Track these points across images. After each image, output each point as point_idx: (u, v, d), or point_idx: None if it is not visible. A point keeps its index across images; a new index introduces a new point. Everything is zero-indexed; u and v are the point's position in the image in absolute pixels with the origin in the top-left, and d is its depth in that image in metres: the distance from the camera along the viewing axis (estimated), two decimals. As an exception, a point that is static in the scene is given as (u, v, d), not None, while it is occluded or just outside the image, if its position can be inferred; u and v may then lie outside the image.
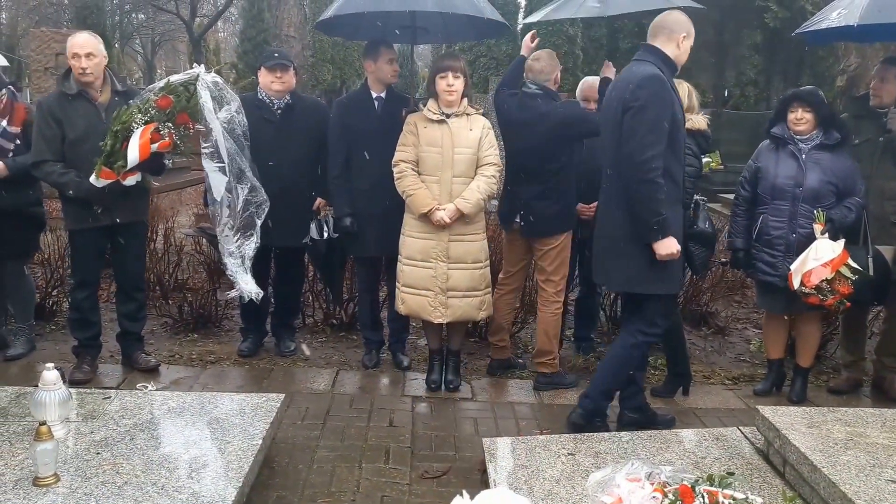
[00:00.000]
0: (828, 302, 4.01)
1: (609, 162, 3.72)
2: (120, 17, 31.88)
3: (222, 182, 4.18)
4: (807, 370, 4.59)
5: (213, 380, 4.52)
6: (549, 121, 4.32)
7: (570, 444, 3.34)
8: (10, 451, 2.87)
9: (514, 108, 4.46)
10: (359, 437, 3.79)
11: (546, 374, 4.58)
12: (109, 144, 3.96)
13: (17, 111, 4.42)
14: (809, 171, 4.23)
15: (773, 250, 4.31)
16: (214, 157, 4.16)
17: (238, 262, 4.26)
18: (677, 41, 3.67)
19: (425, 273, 4.27)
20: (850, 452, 2.99)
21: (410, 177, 4.23)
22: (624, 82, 3.64)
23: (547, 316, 4.56)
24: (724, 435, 3.52)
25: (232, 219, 4.25)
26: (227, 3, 28.50)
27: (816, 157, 4.25)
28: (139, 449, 2.93)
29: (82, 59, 4.11)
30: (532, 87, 4.44)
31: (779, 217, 4.30)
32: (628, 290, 3.85)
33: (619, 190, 3.61)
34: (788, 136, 4.33)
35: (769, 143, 4.44)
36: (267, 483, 3.24)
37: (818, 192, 4.20)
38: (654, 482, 2.56)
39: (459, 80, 4.18)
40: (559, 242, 4.48)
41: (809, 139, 4.29)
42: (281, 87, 4.59)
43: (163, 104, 4.01)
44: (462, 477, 3.41)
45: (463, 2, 4.46)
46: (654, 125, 3.46)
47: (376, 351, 4.90)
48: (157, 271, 6.02)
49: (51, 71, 9.34)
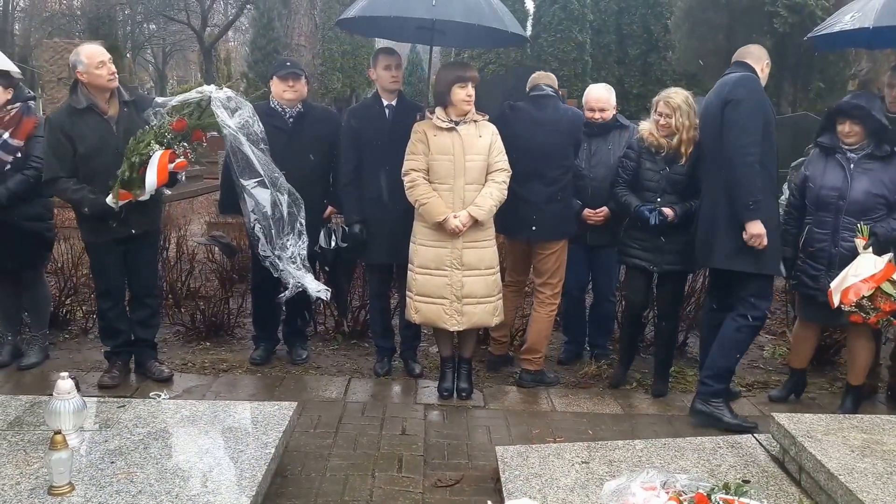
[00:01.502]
0: (871, 320, 3.83)
1: (710, 157, 4.15)
2: (131, 28, 32.09)
3: (266, 196, 4.22)
4: (858, 388, 4.33)
5: (225, 388, 4.53)
6: (569, 117, 4.58)
7: (583, 453, 3.33)
8: (26, 459, 2.89)
9: (531, 109, 4.51)
10: (371, 445, 3.79)
11: (530, 371, 4.67)
12: (127, 173, 3.98)
13: (24, 125, 4.41)
14: (855, 182, 4.06)
15: (816, 263, 4.19)
16: (245, 174, 4.20)
17: (299, 265, 4.30)
18: (762, 66, 4.18)
19: (440, 281, 4.26)
20: (866, 460, 2.97)
21: (423, 185, 4.23)
22: (721, 85, 4.12)
23: (542, 316, 4.66)
24: (739, 442, 3.50)
25: (283, 229, 4.28)
26: (237, 13, 28.73)
27: (865, 166, 4.08)
28: (153, 458, 2.93)
29: (108, 65, 4.16)
30: (546, 89, 4.59)
31: (822, 229, 4.17)
32: (728, 266, 4.11)
33: (720, 180, 4.04)
34: (837, 145, 4.18)
35: (819, 151, 4.30)
36: (280, 492, 3.23)
37: (864, 204, 4.03)
38: (669, 491, 2.54)
39: (474, 90, 4.23)
40: (560, 246, 4.60)
41: (860, 148, 4.12)
42: (293, 95, 4.61)
43: (178, 128, 4.04)
44: (475, 485, 3.40)
45: (490, 14, 4.48)
46: (751, 115, 3.92)
47: (388, 358, 4.90)
48: (170, 279, 6.04)
49: (63, 81, 9.40)
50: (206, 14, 27.43)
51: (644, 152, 4.42)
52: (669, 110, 4.29)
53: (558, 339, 5.41)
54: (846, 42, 5.35)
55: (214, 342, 5.34)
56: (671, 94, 4.34)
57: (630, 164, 4.46)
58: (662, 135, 4.33)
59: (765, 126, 3.94)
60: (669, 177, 4.35)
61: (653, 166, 4.39)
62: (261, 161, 4.19)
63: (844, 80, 18.13)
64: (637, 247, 4.46)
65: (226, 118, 4.08)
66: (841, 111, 4.19)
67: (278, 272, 4.32)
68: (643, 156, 4.42)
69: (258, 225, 4.29)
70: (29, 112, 4.51)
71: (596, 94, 4.87)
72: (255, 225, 4.29)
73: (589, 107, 4.86)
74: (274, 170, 4.27)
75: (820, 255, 4.18)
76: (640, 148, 4.44)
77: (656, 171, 4.38)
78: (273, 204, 4.24)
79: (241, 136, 4.12)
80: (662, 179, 4.36)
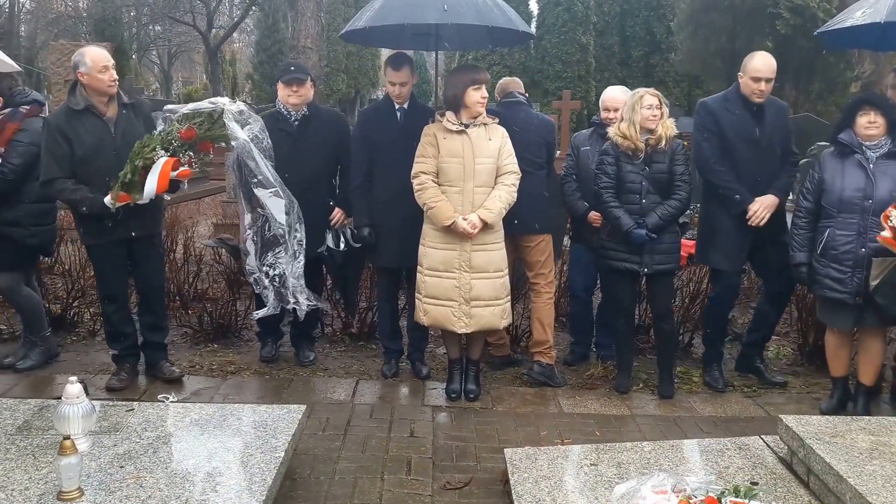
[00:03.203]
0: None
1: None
2: (137, 29, 32.20)
3: (281, 206, 4.25)
4: (870, 388, 4.34)
5: (233, 390, 4.54)
6: (539, 120, 4.82)
7: (592, 455, 3.32)
8: (35, 464, 2.89)
9: (504, 113, 4.58)
10: (380, 447, 3.79)
11: (542, 364, 4.70)
12: (129, 176, 3.97)
13: (6, 131, 4.40)
14: (879, 182, 3.99)
15: (842, 266, 4.08)
16: (260, 185, 4.24)
17: (288, 284, 4.34)
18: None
19: (448, 283, 4.27)
20: (875, 462, 2.96)
21: (431, 189, 4.24)
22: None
23: (540, 306, 4.73)
24: (747, 444, 3.49)
25: (292, 237, 4.31)
26: (243, 15, 28.81)
27: (884, 166, 4.03)
28: (162, 462, 2.94)
29: (111, 71, 4.17)
30: (518, 96, 4.82)
31: (847, 231, 4.06)
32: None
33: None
34: (856, 143, 4.10)
35: (832, 151, 4.22)
36: (289, 495, 3.24)
37: (889, 203, 3.92)
38: (679, 494, 2.55)
39: (487, 92, 4.27)
40: (542, 238, 4.73)
41: (878, 146, 4.07)
42: (298, 100, 4.63)
43: (187, 136, 4.04)
44: (484, 488, 3.40)
45: (500, 15, 4.53)
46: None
47: (395, 360, 4.90)
48: (177, 281, 6.05)
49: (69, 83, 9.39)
50: (211, 16, 27.51)
51: (621, 155, 4.41)
52: (658, 101, 4.34)
53: (565, 340, 5.41)
54: (855, 40, 5.34)
55: (222, 344, 5.35)
56: (641, 90, 4.46)
57: (610, 169, 4.42)
58: (651, 127, 4.34)
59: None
60: (652, 176, 4.36)
61: (633, 168, 4.38)
62: (272, 174, 4.23)
63: (846, 82, 18.14)
64: (622, 249, 4.44)
65: (237, 130, 4.10)
66: (869, 101, 4.16)
67: (261, 289, 4.32)
68: (621, 159, 4.41)
69: (250, 241, 4.31)
70: (14, 117, 4.49)
71: (612, 95, 4.91)
72: (248, 240, 4.31)
73: (605, 106, 4.89)
74: (281, 184, 4.30)
75: (845, 257, 4.07)
76: (616, 152, 4.42)
77: (637, 173, 4.37)
78: (287, 213, 4.26)
79: (254, 148, 4.14)
80: (644, 180, 4.36)
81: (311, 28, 8.12)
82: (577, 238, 5.09)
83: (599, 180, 4.47)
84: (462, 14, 4.45)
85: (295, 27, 8.55)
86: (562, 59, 21.07)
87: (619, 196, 4.41)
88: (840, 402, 4.42)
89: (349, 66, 27.56)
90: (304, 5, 8.11)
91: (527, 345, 5.11)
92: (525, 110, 4.78)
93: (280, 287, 4.37)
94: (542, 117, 4.97)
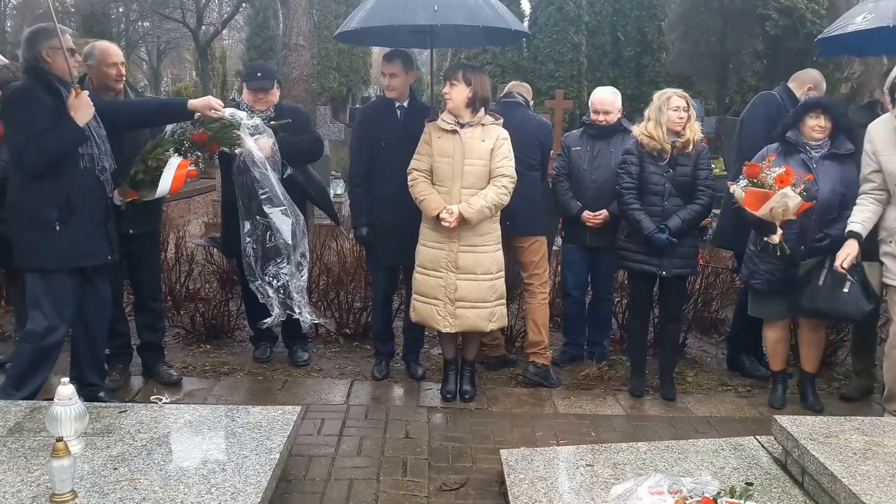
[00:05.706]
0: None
1: None
2: (126, 26, 31.95)
3: (288, 224, 4.23)
4: (814, 376, 4.53)
5: (227, 391, 4.52)
6: (536, 122, 4.85)
7: (588, 455, 3.33)
8: (27, 466, 2.86)
9: (504, 115, 4.53)
10: (375, 449, 3.79)
11: (537, 365, 4.71)
12: (141, 175, 3.98)
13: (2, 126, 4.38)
14: (821, 181, 4.12)
15: (779, 260, 4.17)
16: (268, 202, 4.21)
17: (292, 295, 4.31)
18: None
19: (435, 282, 4.27)
20: (869, 462, 2.97)
21: (422, 183, 4.25)
22: None
23: (534, 306, 4.74)
24: (742, 444, 3.50)
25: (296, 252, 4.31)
26: (233, 12, 28.63)
27: (825, 166, 4.16)
28: (156, 464, 2.91)
29: (119, 67, 4.18)
30: (518, 98, 4.87)
31: (790, 230, 4.12)
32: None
33: None
34: (801, 142, 4.23)
35: (777, 148, 4.28)
36: (284, 497, 3.23)
37: (830, 202, 4.11)
38: (675, 494, 2.55)
39: (455, 89, 4.19)
40: (536, 240, 4.73)
41: (820, 146, 4.20)
42: (264, 106, 4.61)
43: (199, 139, 4.06)
44: (480, 489, 3.40)
45: (490, 14, 4.50)
46: None
47: (386, 362, 4.89)
48: (169, 281, 6.01)
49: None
50: (201, 12, 27.28)
51: (645, 156, 4.41)
52: (686, 103, 4.33)
53: (558, 340, 5.41)
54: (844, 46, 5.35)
55: (215, 345, 5.32)
56: (669, 91, 4.43)
57: (633, 169, 4.43)
58: (677, 129, 4.34)
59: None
60: (675, 179, 4.36)
61: (657, 170, 4.38)
62: (280, 191, 4.22)
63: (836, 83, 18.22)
64: (641, 251, 4.45)
65: (252, 145, 4.10)
66: (821, 104, 4.24)
67: (264, 298, 4.31)
68: (645, 160, 4.41)
69: (250, 248, 4.28)
70: None
71: (601, 97, 4.90)
72: (248, 247, 4.28)
73: (594, 109, 4.89)
74: (290, 202, 4.28)
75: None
76: (640, 152, 4.43)
77: (661, 175, 4.38)
78: (293, 234, 4.25)
79: (268, 165, 4.15)
80: (668, 182, 4.36)
81: (304, 25, 8.06)
82: (570, 238, 5.10)
83: (622, 180, 4.46)
84: (453, 14, 4.42)
85: (287, 24, 8.48)
86: (554, 58, 21.05)
87: (642, 197, 4.41)
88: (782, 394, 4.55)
89: (341, 63, 27.43)
90: (296, 2, 8.05)
91: (522, 345, 5.12)
92: (523, 112, 4.80)
93: (285, 298, 4.35)
94: (539, 119, 4.99)
